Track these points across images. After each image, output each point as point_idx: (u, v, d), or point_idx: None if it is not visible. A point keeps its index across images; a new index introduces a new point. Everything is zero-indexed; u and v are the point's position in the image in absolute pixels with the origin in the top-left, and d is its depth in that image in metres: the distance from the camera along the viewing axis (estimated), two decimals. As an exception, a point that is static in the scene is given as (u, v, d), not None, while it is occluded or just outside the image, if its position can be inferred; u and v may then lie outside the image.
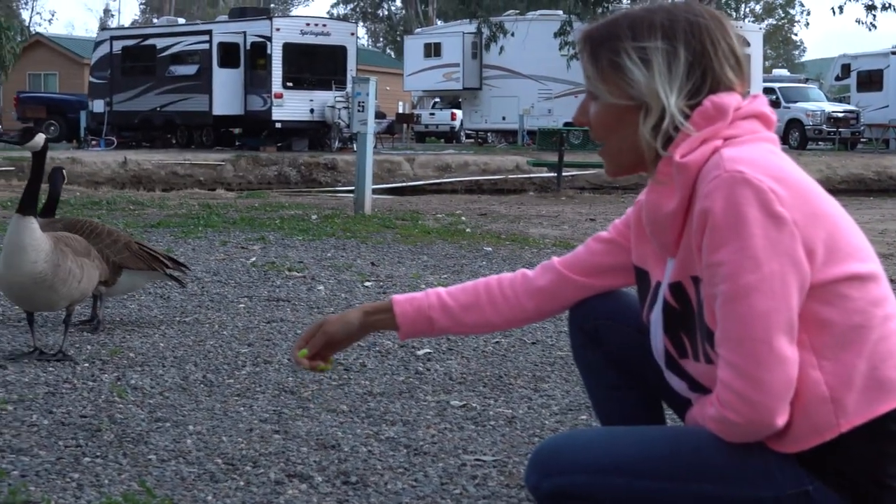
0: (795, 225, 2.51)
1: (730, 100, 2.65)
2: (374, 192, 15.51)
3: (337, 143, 34.75)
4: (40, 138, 5.96)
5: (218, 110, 35.91)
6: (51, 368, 5.64)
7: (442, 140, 48.19)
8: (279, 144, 34.53)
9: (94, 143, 35.99)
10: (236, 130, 37.52)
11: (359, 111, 15.18)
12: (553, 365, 5.85)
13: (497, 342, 6.34)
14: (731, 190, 2.50)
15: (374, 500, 3.80)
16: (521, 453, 4.29)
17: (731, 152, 2.57)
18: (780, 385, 2.51)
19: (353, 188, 17.22)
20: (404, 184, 27.05)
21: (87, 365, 5.74)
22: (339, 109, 34.80)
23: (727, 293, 2.52)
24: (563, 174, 22.94)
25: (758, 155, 2.59)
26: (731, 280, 2.51)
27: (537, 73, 42.34)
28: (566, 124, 35.34)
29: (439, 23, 59.98)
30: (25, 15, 78.28)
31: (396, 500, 3.80)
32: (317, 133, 35.60)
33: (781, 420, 2.54)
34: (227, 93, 35.83)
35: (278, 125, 35.15)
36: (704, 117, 2.63)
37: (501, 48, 41.83)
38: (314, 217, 14.05)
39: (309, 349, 3.19)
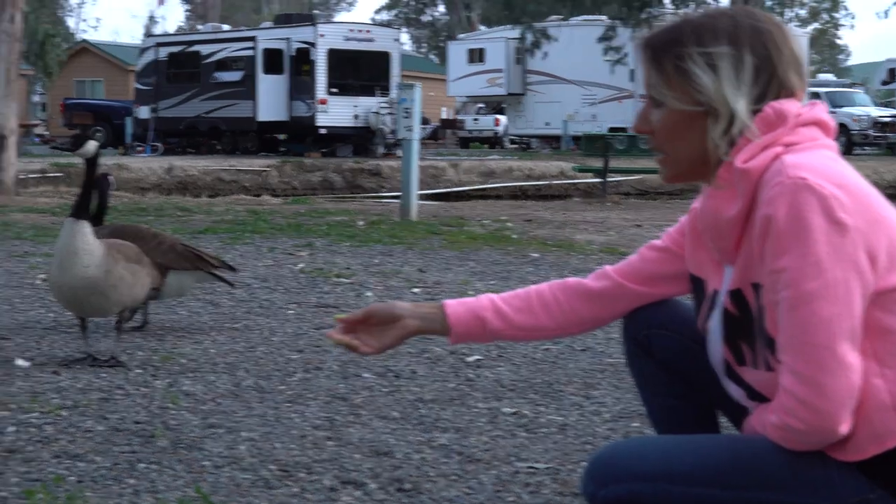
0: (858, 231, 2.49)
1: (790, 106, 2.64)
2: (419, 197, 15.51)
3: (381, 149, 34.82)
4: (92, 145, 6.00)
5: (262, 116, 36.03)
6: (104, 374, 5.67)
7: (486, 146, 48.19)
8: (324, 150, 34.63)
9: (139, 149, 36.20)
10: (281, 136, 37.63)
11: (404, 117, 15.20)
12: (603, 372, 5.83)
13: (547, 349, 6.33)
14: (794, 196, 2.49)
15: (429, 507, 3.80)
16: (573, 461, 4.28)
17: (792, 159, 2.56)
18: (843, 392, 2.49)
19: (397, 194, 17.23)
20: (449, 189, 27.07)
21: (139, 371, 5.77)
22: (384, 115, 34.85)
23: (790, 300, 2.51)
24: (608, 180, 22.89)
25: (819, 161, 2.57)
26: (794, 286, 2.50)
27: (581, 79, 42.29)
28: (611, 129, 35.27)
29: (483, 28, 60.01)
30: (71, 22, 78.82)
31: (450, 507, 3.80)
32: (361, 139, 35.67)
33: (845, 427, 2.52)
34: (271, 99, 35.96)
35: (323, 131, 35.24)
36: (766, 123, 2.62)
37: (545, 54, 41.81)
38: (360, 223, 14.08)
39: (346, 317, 3.13)
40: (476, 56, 46.32)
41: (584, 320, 3.17)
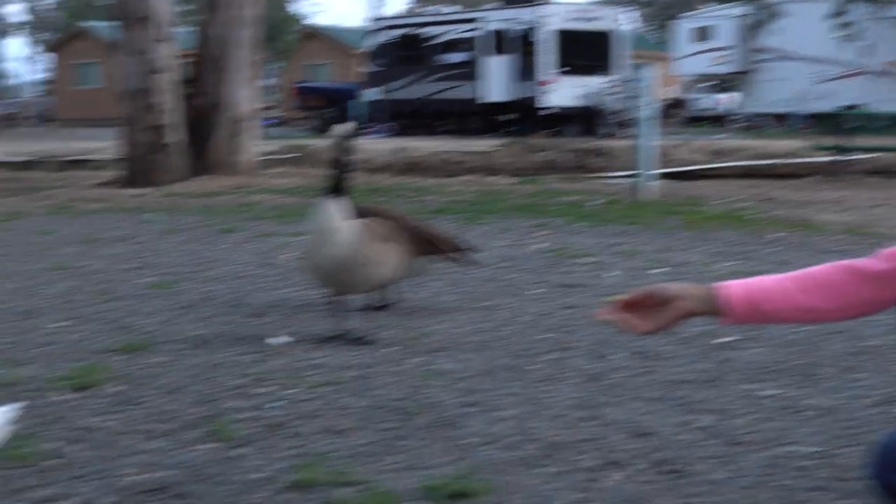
0: None
1: None
2: (650, 177, 15.33)
3: (606, 129, 34.63)
4: (345, 126, 6.08)
5: (488, 97, 36.23)
6: (357, 352, 5.75)
7: (712, 124, 47.49)
8: (548, 131, 34.60)
9: (369, 131, 36.71)
10: (505, 117, 37.74)
11: (636, 97, 15.06)
12: (862, 355, 5.65)
13: (801, 331, 6.16)
14: None
15: (693, 489, 3.74)
16: (841, 445, 4.17)
17: None
18: None
19: (624, 174, 17.08)
20: (678, 168, 26.73)
21: (391, 349, 5.84)
22: (608, 95, 34.67)
23: None
24: (844, 158, 22.29)
25: None
26: None
27: (810, 55, 41.31)
28: (842, 107, 34.39)
29: (709, 6, 59.12)
30: (299, 7, 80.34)
31: (717, 490, 3.74)
32: (586, 119, 35.52)
33: None
34: (496, 80, 36.13)
35: (547, 112, 35.23)
36: None
37: (774, 30, 41.00)
38: (594, 203, 14.00)
39: (620, 298, 3.08)
40: (702, 34, 45.70)
41: (864, 302, 3.06)
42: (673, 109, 47.86)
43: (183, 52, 17.76)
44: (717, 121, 47.86)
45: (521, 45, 36.15)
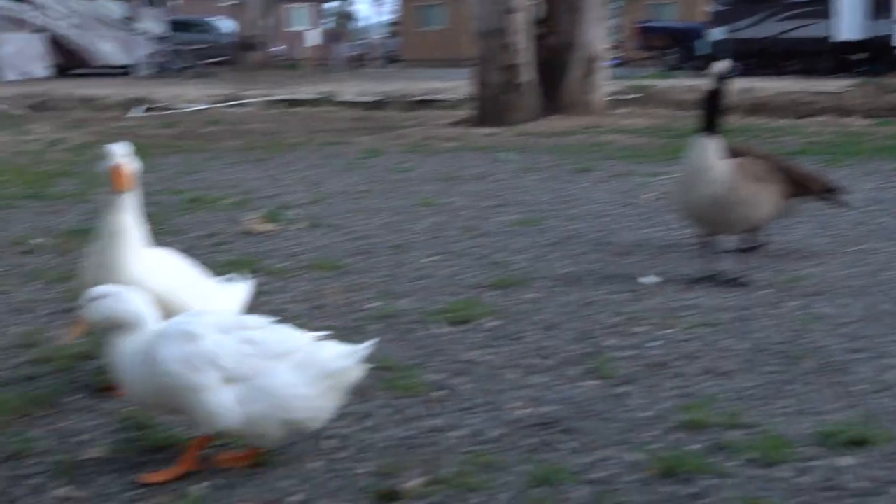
0: None
1: None
2: None
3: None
4: (722, 64, 5.97)
5: (839, 36, 35.05)
6: (731, 294, 5.65)
7: None
8: (904, 70, 33.23)
9: (714, 71, 36.06)
10: (857, 56, 36.43)
11: None
12: None
13: None
14: None
15: None
16: None
17: None
18: None
19: None
20: None
21: (766, 292, 5.71)
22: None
23: None
24: None
25: None
26: None
27: None
28: None
29: None
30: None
31: None
32: (945, 58, 33.96)
33: None
34: (849, 18, 34.91)
35: (903, 50, 33.83)
36: None
37: None
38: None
39: None
40: None
41: None
42: None
43: (536, -8, 17.81)
44: None
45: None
